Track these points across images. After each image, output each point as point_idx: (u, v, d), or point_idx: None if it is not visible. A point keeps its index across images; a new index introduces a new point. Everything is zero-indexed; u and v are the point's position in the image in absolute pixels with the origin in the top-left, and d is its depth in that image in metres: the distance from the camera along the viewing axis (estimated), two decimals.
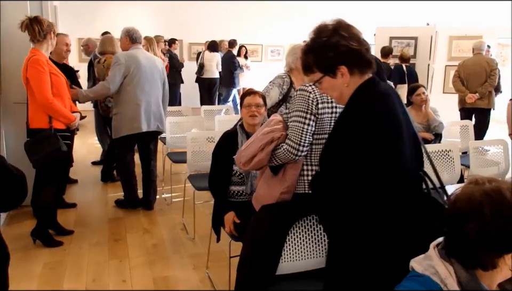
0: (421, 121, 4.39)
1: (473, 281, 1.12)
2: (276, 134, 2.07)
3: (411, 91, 4.50)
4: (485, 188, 1.11)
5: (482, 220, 1.07)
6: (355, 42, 1.56)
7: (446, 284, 1.12)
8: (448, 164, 3.61)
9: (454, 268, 1.14)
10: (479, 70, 5.63)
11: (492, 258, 1.10)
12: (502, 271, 1.12)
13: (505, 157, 3.87)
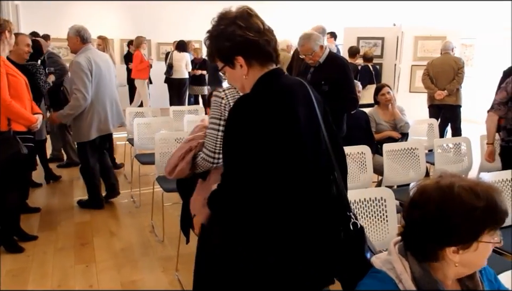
0: (388, 120, 4.47)
1: (426, 276, 1.15)
2: (194, 143, 2.06)
3: (377, 91, 4.58)
4: (440, 182, 1.15)
5: (427, 211, 1.13)
6: (253, 33, 1.49)
7: (401, 280, 1.16)
8: (414, 162, 3.69)
9: (409, 263, 1.18)
10: (447, 69, 5.83)
11: (436, 250, 1.14)
12: (451, 265, 1.16)
13: (468, 154, 3.97)
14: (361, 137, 3.99)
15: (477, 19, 9.31)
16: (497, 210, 1.10)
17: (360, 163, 3.49)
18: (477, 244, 1.11)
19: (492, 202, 1.10)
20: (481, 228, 1.10)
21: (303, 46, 3.47)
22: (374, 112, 4.51)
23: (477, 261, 1.16)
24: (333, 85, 3.43)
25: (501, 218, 1.12)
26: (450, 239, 1.12)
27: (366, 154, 3.46)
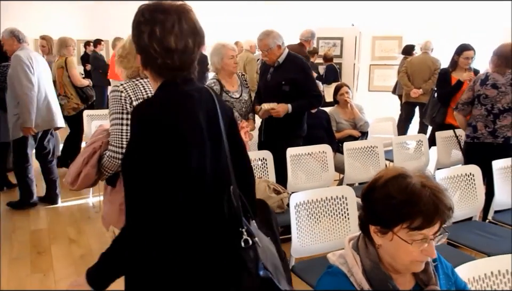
0: (347, 118, 4.55)
1: (376, 268, 1.20)
2: (97, 144, 1.99)
3: (336, 90, 4.66)
4: (402, 173, 1.21)
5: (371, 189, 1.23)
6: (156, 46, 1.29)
7: (353, 273, 1.21)
8: (374, 160, 3.77)
9: (361, 257, 1.22)
10: (424, 68, 6.01)
11: (367, 225, 1.24)
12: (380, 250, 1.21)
13: (425, 151, 4.10)
14: (323, 136, 4.04)
15: (432, 20, 9.63)
16: (415, 209, 1.13)
17: (321, 162, 3.53)
18: (392, 234, 1.17)
19: (414, 201, 1.13)
20: (395, 219, 1.16)
21: (261, 40, 3.47)
22: (334, 111, 4.58)
23: (396, 254, 1.18)
24: (294, 85, 3.45)
25: (420, 220, 1.13)
26: (372, 217, 1.21)
27: (327, 153, 3.50)
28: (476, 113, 3.46)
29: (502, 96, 3.35)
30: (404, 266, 1.20)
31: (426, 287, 1.25)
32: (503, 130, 3.37)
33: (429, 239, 1.15)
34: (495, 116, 3.38)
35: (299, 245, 2.32)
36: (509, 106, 3.34)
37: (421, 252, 1.16)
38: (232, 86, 3.46)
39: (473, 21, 9.20)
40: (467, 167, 3.03)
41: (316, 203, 2.42)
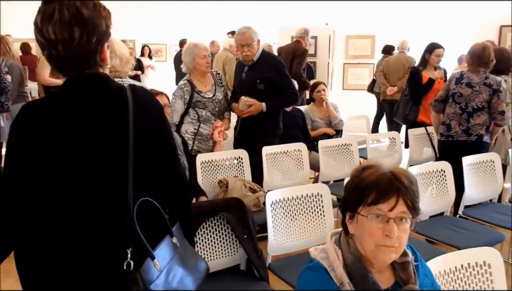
0: (322, 117, 4.59)
1: (357, 262, 1.22)
2: None
3: (312, 88, 4.70)
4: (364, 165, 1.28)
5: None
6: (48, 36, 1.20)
7: (334, 267, 1.23)
8: (348, 157, 3.82)
9: (342, 252, 1.24)
10: (399, 66, 6.15)
11: (344, 215, 1.28)
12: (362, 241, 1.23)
13: (398, 148, 4.18)
14: (298, 135, 4.07)
15: (405, 19, 9.80)
16: (369, 185, 1.20)
17: (297, 161, 3.56)
18: (357, 216, 1.22)
19: (370, 178, 1.21)
20: (357, 199, 1.22)
21: (244, 34, 3.45)
22: (310, 109, 4.62)
23: (362, 237, 1.22)
24: (269, 83, 3.46)
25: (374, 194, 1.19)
26: (344, 204, 1.27)
27: (303, 151, 3.53)
28: (450, 111, 3.54)
29: (476, 95, 3.43)
30: (371, 252, 1.21)
31: (405, 285, 1.27)
32: (476, 128, 3.46)
33: (388, 217, 1.18)
34: (468, 114, 3.46)
35: (275, 243, 2.33)
36: (482, 105, 3.43)
37: (382, 233, 1.18)
38: (204, 85, 3.44)
39: (443, 20, 9.42)
40: (438, 163, 3.10)
41: (291, 201, 2.44)
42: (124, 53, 2.29)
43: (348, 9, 11.14)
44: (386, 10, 10.32)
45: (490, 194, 3.32)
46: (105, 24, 1.28)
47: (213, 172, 3.20)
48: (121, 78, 2.24)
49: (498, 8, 8.09)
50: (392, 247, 1.20)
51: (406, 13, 10.00)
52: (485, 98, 3.41)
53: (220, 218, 2.20)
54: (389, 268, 1.28)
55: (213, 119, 3.40)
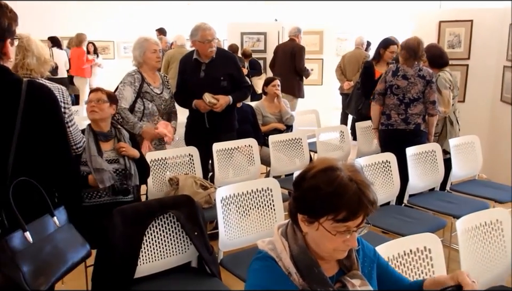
0: (273, 112, 4.62)
1: (303, 253, 1.24)
2: None
3: (267, 82, 4.71)
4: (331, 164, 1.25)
5: (301, 180, 1.26)
6: None
7: (281, 258, 1.25)
8: (299, 151, 3.88)
9: (289, 243, 1.26)
10: (353, 62, 6.39)
11: (295, 214, 1.26)
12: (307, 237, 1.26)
13: (346, 141, 4.29)
14: (249, 130, 4.09)
15: (351, 15, 10.08)
16: (340, 203, 1.17)
17: (248, 156, 3.57)
18: (318, 225, 1.21)
19: (340, 194, 1.17)
20: (322, 210, 1.19)
21: (210, 29, 3.41)
22: (261, 105, 4.64)
23: (321, 242, 1.23)
24: (231, 79, 3.47)
25: (344, 214, 1.18)
26: (300, 206, 1.25)
27: (253, 146, 3.55)
28: (389, 102, 3.68)
29: (412, 86, 3.59)
30: (327, 253, 1.25)
31: (349, 272, 1.31)
32: (414, 118, 3.63)
33: (351, 230, 1.20)
34: (406, 105, 3.62)
35: (226, 239, 2.34)
36: (418, 95, 3.60)
37: (343, 243, 1.21)
38: (154, 81, 3.37)
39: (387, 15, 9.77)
40: (383, 154, 3.21)
41: (241, 196, 2.45)
42: (43, 54, 2.26)
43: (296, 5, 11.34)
44: (334, 6, 10.60)
45: (433, 182, 3.48)
46: (8, 23, 1.55)
47: (163, 171, 3.15)
48: (34, 77, 2.16)
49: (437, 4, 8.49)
50: (347, 249, 1.26)
51: (352, 9, 10.31)
52: (420, 89, 3.59)
53: (169, 216, 2.17)
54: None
55: (157, 116, 3.33)
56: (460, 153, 3.64)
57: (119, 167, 2.59)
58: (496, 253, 2.08)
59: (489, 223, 2.07)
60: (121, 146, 2.60)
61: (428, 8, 7.78)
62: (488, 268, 2.05)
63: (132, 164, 2.60)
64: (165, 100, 3.40)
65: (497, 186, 3.70)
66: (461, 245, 1.95)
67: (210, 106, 3.37)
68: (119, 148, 2.59)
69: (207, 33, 3.38)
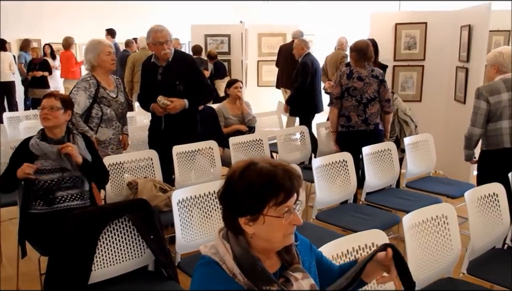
0: (235, 114, 4.66)
1: (245, 253, 1.27)
2: None
3: (229, 84, 4.74)
4: (245, 164, 1.30)
5: (227, 186, 1.30)
6: None
7: (225, 261, 1.27)
8: (260, 153, 3.92)
9: (231, 245, 1.28)
10: (333, 62, 6.55)
11: (235, 221, 1.28)
12: (253, 239, 1.28)
13: (306, 142, 4.36)
14: (210, 132, 4.10)
15: (313, 17, 10.22)
16: (276, 185, 1.24)
17: (209, 158, 3.59)
18: (263, 217, 1.25)
19: (273, 179, 1.24)
20: (262, 201, 1.25)
21: (162, 31, 3.36)
22: (223, 107, 4.66)
23: (271, 234, 1.27)
24: (188, 83, 3.44)
25: (283, 195, 1.24)
26: (239, 210, 1.27)
27: (214, 148, 3.57)
28: (347, 104, 3.76)
29: (368, 86, 3.70)
30: (279, 243, 1.30)
31: (291, 266, 1.35)
32: (373, 118, 3.74)
33: (292, 208, 1.27)
34: (364, 105, 3.72)
35: (184, 241, 2.35)
36: (374, 95, 3.72)
37: (289, 224, 1.27)
38: (108, 85, 3.33)
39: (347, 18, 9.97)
40: (340, 154, 3.29)
41: (199, 198, 2.46)
42: None
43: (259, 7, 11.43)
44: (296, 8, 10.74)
45: (389, 180, 3.59)
46: None
47: (122, 175, 3.12)
48: None
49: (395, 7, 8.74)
50: (294, 231, 1.31)
51: (314, 11, 10.48)
52: (375, 88, 3.72)
53: (125, 220, 2.16)
54: (275, 253, 1.36)
55: (115, 120, 3.30)
56: (414, 151, 3.77)
57: (67, 174, 2.55)
58: (443, 247, 2.17)
59: (435, 217, 2.16)
60: (67, 145, 2.50)
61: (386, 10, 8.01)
62: (435, 261, 2.14)
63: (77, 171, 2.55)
64: (121, 103, 3.38)
65: (451, 182, 3.86)
66: (407, 240, 2.03)
67: (164, 108, 3.35)
68: (62, 147, 2.49)
69: (158, 35, 3.35)
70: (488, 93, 3.11)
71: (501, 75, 3.17)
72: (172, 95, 3.38)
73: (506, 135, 3.12)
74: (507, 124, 3.12)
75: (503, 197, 2.52)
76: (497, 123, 3.14)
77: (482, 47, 4.33)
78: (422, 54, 5.16)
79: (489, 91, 3.12)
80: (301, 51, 5.74)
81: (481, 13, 4.36)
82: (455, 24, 4.92)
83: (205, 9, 11.24)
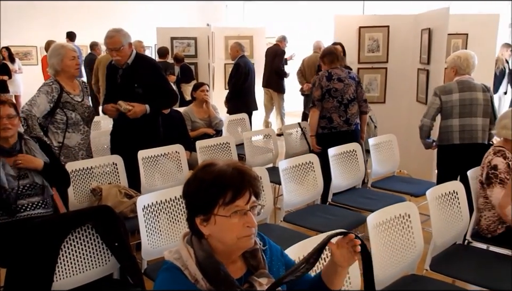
0: (202, 117, 4.63)
1: (208, 258, 1.26)
2: None
3: (196, 87, 4.72)
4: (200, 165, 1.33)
5: (185, 187, 1.32)
6: None
7: (187, 266, 1.25)
8: (227, 156, 3.91)
9: (194, 250, 1.27)
10: (311, 65, 6.56)
11: (193, 221, 1.29)
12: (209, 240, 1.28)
13: (274, 144, 4.38)
14: (177, 136, 4.06)
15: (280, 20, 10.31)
16: (223, 184, 1.24)
17: (176, 162, 3.55)
18: (214, 217, 1.25)
19: (221, 177, 1.25)
20: (211, 201, 1.25)
21: (112, 38, 3.30)
22: (189, 110, 4.63)
23: (223, 236, 1.26)
24: (147, 86, 3.39)
25: (231, 194, 1.24)
26: (193, 210, 1.28)
27: (180, 152, 3.53)
28: (329, 106, 3.81)
29: (348, 87, 3.80)
30: (234, 245, 1.27)
31: (256, 271, 1.34)
32: (353, 118, 3.85)
33: (245, 210, 1.26)
34: (345, 106, 3.81)
35: (150, 248, 2.31)
36: (354, 95, 3.83)
37: (243, 226, 1.25)
38: (73, 89, 3.26)
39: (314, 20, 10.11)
40: (307, 155, 3.33)
41: (165, 203, 2.43)
42: None
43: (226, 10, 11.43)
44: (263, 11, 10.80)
45: (355, 180, 3.64)
46: None
47: (85, 181, 3.05)
48: None
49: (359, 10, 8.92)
50: (252, 234, 1.28)
51: (281, 14, 10.57)
52: (354, 89, 3.83)
53: (88, 228, 2.11)
54: (241, 258, 1.35)
55: (82, 125, 3.23)
56: (379, 152, 3.85)
57: (27, 182, 2.46)
58: (406, 244, 2.22)
59: (398, 216, 2.21)
60: (18, 159, 2.41)
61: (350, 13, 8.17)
62: (399, 258, 2.18)
63: (37, 177, 2.47)
64: (88, 107, 3.33)
65: (415, 181, 3.96)
66: (371, 239, 2.06)
67: (125, 113, 3.32)
68: (15, 161, 2.40)
69: (107, 41, 3.35)
70: (442, 92, 3.44)
71: (459, 77, 3.44)
72: (130, 98, 3.35)
73: (455, 132, 3.40)
74: (456, 123, 3.40)
75: (462, 195, 2.60)
76: (447, 121, 3.44)
77: (442, 50, 4.47)
78: (385, 57, 5.28)
79: (443, 91, 3.45)
80: (236, 53, 6.26)
81: (440, 17, 4.50)
82: (416, 28, 5.07)
83: (171, 12, 11.14)
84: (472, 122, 3.39)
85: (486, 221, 2.68)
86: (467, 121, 3.38)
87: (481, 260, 2.48)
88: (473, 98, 3.38)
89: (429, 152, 4.01)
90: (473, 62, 3.45)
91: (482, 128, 3.40)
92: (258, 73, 7.72)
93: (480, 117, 3.40)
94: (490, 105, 3.45)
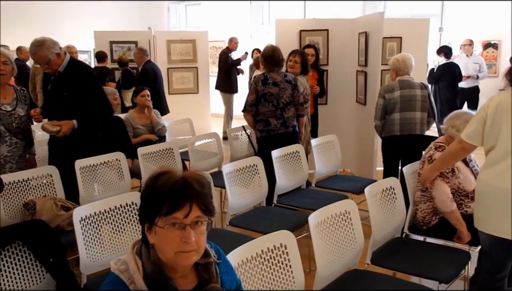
0: (144, 123, 4.52)
1: (157, 272, 1.21)
2: None
3: (136, 92, 4.59)
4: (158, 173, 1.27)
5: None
6: None
7: (134, 280, 1.19)
8: (171, 162, 3.84)
9: (143, 262, 1.22)
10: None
11: (143, 228, 1.26)
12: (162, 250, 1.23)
13: (219, 148, 4.36)
14: (118, 144, 3.93)
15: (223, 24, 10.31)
16: (161, 194, 1.20)
17: (117, 171, 3.44)
18: (155, 227, 1.21)
19: (160, 187, 1.21)
20: (151, 210, 1.22)
21: (35, 54, 3.13)
22: (130, 116, 4.51)
23: (162, 247, 1.22)
24: (77, 93, 3.25)
25: (167, 205, 1.19)
26: (140, 216, 1.26)
27: (122, 160, 3.43)
28: (265, 110, 3.83)
29: (283, 91, 3.82)
30: (172, 260, 1.21)
31: (208, 285, 1.29)
32: (290, 121, 3.89)
33: (184, 224, 1.20)
34: (281, 110, 3.83)
35: (89, 261, 2.21)
36: (290, 99, 3.86)
37: (181, 241, 1.19)
38: (4, 97, 3.07)
39: (256, 24, 10.19)
40: (251, 158, 3.34)
41: (106, 213, 2.35)
42: None
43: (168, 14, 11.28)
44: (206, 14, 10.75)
45: (299, 181, 3.69)
46: None
47: (17, 195, 2.87)
48: None
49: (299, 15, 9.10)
50: (192, 251, 1.21)
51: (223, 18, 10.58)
52: (290, 93, 3.85)
53: (19, 245, 1.99)
54: (193, 271, 1.30)
55: (8, 136, 3.05)
56: (321, 152, 3.93)
57: None
58: (347, 241, 2.28)
59: (339, 213, 2.27)
60: None
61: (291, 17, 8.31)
62: (341, 254, 2.24)
63: None
64: (19, 117, 3.12)
65: (356, 179, 4.08)
66: (313, 237, 2.09)
67: (54, 134, 3.21)
68: None
69: (32, 58, 3.25)
70: (385, 91, 3.85)
71: (399, 77, 3.85)
72: (60, 105, 3.25)
73: (397, 124, 3.80)
74: (398, 116, 3.79)
75: (398, 190, 2.71)
76: (391, 115, 3.83)
77: (378, 52, 4.65)
78: (325, 59, 5.40)
79: (386, 90, 3.85)
80: (141, 59, 6.29)
81: (375, 21, 4.68)
82: (353, 31, 5.23)
83: (110, 14, 10.83)
84: (411, 116, 3.79)
85: (421, 213, 2.81)
86: (407, 115, 3.78)
87: (418, 252, 2.59)
88: (412, 95, 3.79)
89: (369, 151, 4.15)
90: (411, 63, 3.86)
91: (420, 121, 3.82)
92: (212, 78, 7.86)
93: (419, 111, 3.81)
94: (428, 100, 3.85)
